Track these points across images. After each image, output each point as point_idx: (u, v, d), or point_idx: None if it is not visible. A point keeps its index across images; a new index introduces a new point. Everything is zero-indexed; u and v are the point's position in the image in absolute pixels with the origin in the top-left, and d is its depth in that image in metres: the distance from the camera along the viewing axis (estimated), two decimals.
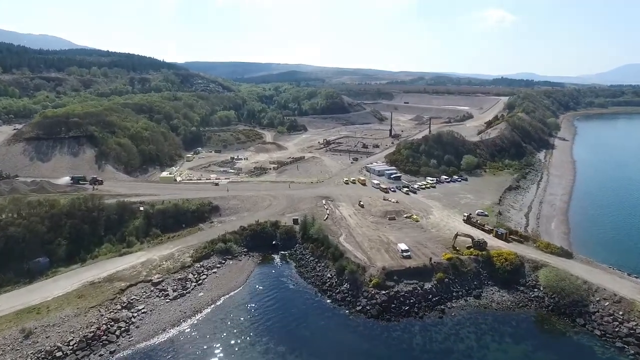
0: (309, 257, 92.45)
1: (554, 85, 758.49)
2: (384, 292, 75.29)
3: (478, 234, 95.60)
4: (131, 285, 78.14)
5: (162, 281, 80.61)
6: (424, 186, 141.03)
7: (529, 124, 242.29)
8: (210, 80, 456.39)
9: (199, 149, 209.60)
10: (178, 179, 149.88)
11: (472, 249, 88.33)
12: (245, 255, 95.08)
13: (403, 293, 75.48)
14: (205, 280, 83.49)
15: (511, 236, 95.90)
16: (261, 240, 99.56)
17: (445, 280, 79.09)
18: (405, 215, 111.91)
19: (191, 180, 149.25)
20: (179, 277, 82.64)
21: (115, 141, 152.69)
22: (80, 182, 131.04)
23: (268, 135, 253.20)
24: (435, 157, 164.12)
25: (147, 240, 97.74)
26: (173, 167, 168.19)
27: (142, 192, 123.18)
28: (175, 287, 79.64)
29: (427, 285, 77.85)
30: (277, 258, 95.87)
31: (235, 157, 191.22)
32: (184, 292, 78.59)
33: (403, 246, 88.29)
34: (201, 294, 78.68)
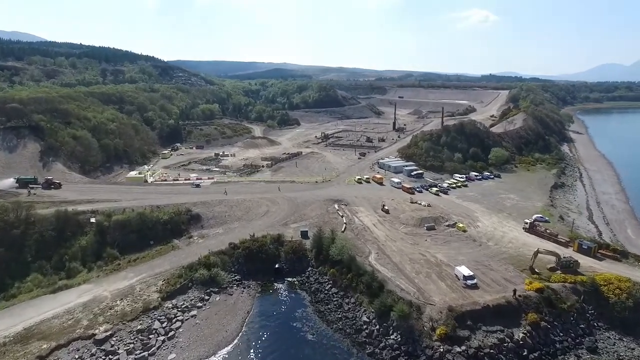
0: (329, 287, 65.30)
1: (543, 82, 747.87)
2: (458, 348, 48.79)
3: (551, 248, 70.19)
4: (59, 347, 49.71)
5: (112, 336, 52.31)
6: (454, 185, 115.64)
7: (546, 115, 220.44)
8: (191, 73, 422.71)
9: (178, 144, 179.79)
10: (149, 179, 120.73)
11: (559, 272, 62.96)
12: (237, 286, 67.21)
13: (487, 349, 49.11)
14: (180, 330, 55.41)
15: (600, 251, 70.93)
16: (259, 263, 71.94)
17: (541, 324, 53.12)
18: (446, 223, 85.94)
19: (166, 180, 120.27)
20: (139, 327, 54.36)
21: (69, 133, 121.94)
22: (30, 185, 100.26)
23: (257, 130, 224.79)
24: (460, 150, 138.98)
25: (98, 267, 69.07)
26: (145, 166, 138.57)
27: (99, 197, 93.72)
28: (131, 345, 51.41)
29: (518, 334, 51.68)
30: (282, 289, 68.31)
31: (221, 154, 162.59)
32: (145, 353, 50.52)
33: (464, 270, 62.09)
34: (172, 356, 50.71)
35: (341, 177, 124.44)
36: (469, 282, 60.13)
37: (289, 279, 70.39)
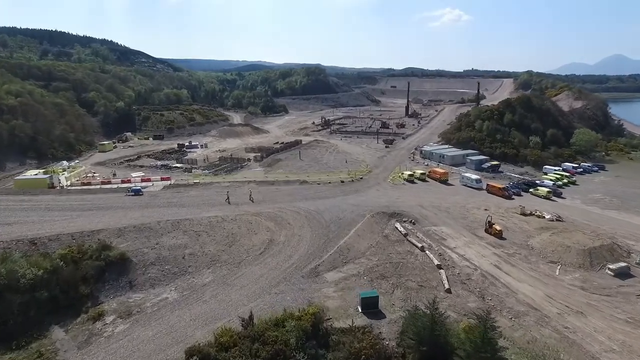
0: None
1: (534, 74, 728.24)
2: None
3: None
4: None
5: None
6: (560, 182, 73.36)
7: (585, 96, 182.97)
8: (157, 60, 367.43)
9: (128, 134, 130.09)
10: (64, 182, 72.21)
11: None
12: None
13: None
14: None
15: None
16: None
17: None
18: (634, 261, 42.73)
19: (90, 184, 72.08)
20: None
21: None
22: None
23: (236, 118, 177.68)
24: (534, 132, 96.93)
25: None
26: (64, 162, 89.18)
27: None
28: None
29: None
30: None
31: (187, 144, 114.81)
32: None
33: None
34: None
35: (376, 173, 79.69)
36: None
37: None
